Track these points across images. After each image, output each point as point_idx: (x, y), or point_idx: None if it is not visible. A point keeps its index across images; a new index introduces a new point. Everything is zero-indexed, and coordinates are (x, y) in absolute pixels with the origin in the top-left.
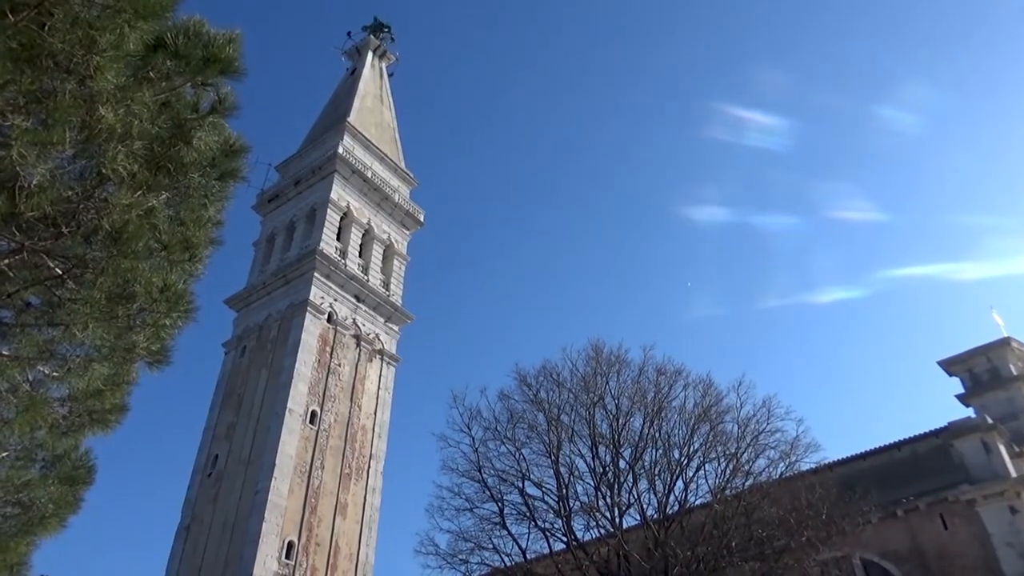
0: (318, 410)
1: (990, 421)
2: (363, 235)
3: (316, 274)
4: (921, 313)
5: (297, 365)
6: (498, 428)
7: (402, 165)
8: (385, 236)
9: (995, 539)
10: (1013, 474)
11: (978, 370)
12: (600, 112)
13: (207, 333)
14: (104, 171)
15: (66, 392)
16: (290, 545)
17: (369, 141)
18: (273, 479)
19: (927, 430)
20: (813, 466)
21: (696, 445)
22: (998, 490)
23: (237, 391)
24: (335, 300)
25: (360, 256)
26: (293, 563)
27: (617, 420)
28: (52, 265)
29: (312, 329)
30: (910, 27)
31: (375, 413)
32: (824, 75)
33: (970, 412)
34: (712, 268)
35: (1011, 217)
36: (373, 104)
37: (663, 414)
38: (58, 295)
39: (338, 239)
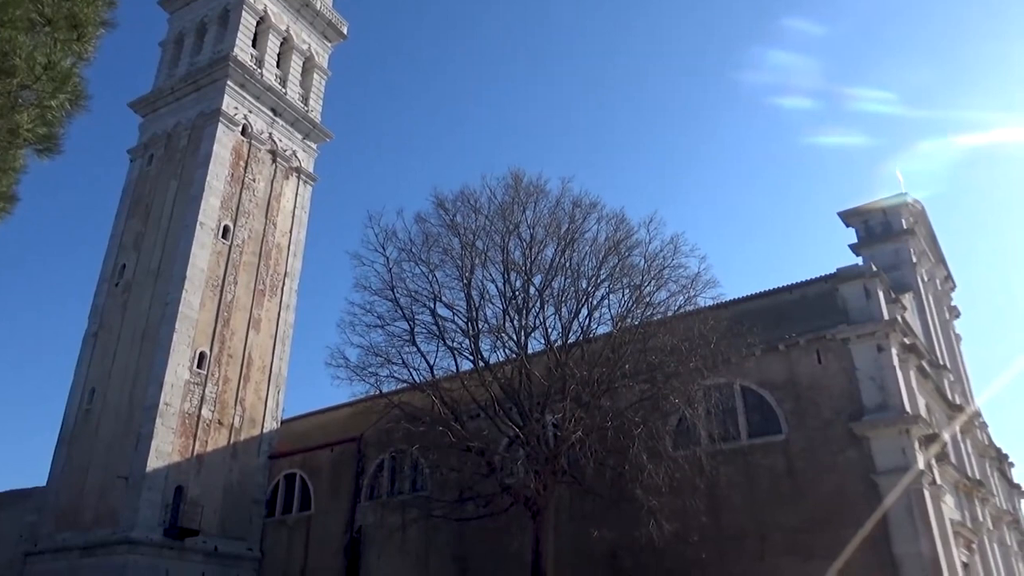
0: (231, 225)
1: (874, 269)
2: (281, 44)
3: (229, 82)
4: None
5: (209, 177)
6: (413, 250)
7: None
8: (305, 47)
9: (860, 373)
10: (886, 317)
11: (873, 222)
12: None
13: (112, 139)
14: None
15: None
16: (202, 356)
17: None
18: (184, 291)
19: (817, 275)
20: (711, 302)
21: (603, 276)
22: (870, 331)
23: (145, 200)
24: (250, 112)
25: (278, 67)
26: (205, 372)
27: (530, 248)
28: None
29: (225, 140)
30: None
31: (290, 231)
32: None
33: (859, 261)
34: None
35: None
36: None
37: (575, 245)
38: None
39: (254, 46)
